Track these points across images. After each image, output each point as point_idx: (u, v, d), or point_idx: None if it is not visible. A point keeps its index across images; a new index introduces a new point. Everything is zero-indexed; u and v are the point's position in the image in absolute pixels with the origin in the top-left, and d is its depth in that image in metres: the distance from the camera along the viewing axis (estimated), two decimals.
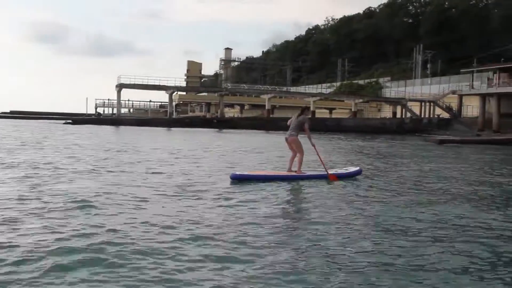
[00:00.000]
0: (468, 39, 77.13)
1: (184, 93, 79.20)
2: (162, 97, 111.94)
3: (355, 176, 11.66)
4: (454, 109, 57.94)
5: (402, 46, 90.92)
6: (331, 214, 7.36)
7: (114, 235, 5.76)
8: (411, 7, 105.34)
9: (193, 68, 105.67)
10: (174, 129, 46.42)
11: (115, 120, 53.49)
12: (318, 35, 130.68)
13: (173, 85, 57.53)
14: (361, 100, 68.33)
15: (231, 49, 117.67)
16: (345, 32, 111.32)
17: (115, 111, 67.02)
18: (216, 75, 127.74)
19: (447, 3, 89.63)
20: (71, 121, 52.80)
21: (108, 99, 78.78)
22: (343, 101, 74.23)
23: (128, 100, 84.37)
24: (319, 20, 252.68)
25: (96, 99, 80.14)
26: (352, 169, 12.25)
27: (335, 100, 74.83)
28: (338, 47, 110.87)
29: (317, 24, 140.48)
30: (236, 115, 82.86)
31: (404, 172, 13.88)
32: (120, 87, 56.08)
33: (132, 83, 56.39)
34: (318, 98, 63.69)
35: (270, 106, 63.38)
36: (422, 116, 61.33)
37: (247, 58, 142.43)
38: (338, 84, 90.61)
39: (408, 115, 61.49)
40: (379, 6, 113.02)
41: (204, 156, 17.45)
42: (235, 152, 19.85)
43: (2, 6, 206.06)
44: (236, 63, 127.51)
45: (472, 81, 54.65)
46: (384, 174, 13.32)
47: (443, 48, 79.13)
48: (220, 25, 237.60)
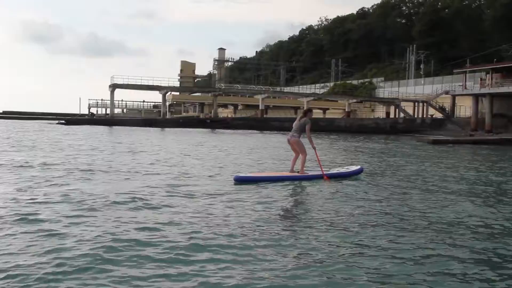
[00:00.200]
0: (461, 40, 77.50)
1: (178, 93, 79.10)
2: (155, 97, 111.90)
3: (356, 175, 11.86)
4: (447, 109, 58.12)
5: (395, 46, 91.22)
6: (335, 214, 7.50)
7: (112, 237, 5.73)
8: (404, 8, 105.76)
9: (186, 68, 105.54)
10: (167, 129, 46.27)
11: (108, 121, 53.30)
12: (311, 35, 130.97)
13: (166, 85, 57.43)
14: (354, 100, 68.46)
15: (224, 49, 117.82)
16: (338, 32, 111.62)
17: (108, 111, 66.79)
18: (210, 75, 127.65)
19: (440, 4, 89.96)
20: (64, 121, 52.57)
21: (102, 99, 78.72)
22: (336, 101, 74.40)
23: (122, 100, 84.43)
24: (312, 20, 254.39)
25: (89, 99, 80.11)
26: (353, 168, 12.42)
27: (329, 100, 74.92)
28: (331, 47, 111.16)
29: (310, 24, 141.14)
30: (229, 115, 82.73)
31: (403, 172, 14.07)
32: (114, 87, 55.86)
33: (126, 83, 56.21)
34: (312, 98, 63.73)
35: (264, 106, 63.35)
36: (415, 116, 61.47)
37: (240, 58, 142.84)
38: (332, 84, 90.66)
39: (402, 115, 61.62)
40: (372, 6, 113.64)
41: (204, 157, 17.30)
42: (235, 152, 19.79)
43: None
44: (229, 63, 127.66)
45: (465, 81, 54.79)
46: (383, 173, 13.54)
47: (436, 49, 79.51)
48: (214, 25, 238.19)
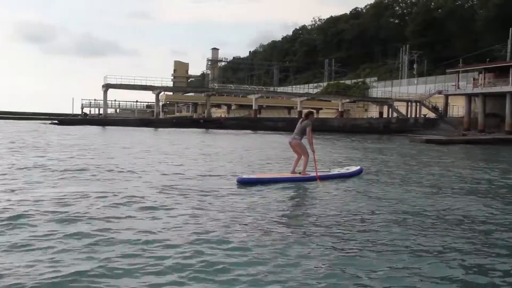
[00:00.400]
0: (454, 40, 77.79)
1: (171, 93, 78.97)
2: (149, 97, 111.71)
3: (356, 175, 11.98)
4: (440, 109, 58.35)
5: (388, 46, 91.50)
6: (338, 213, 7.56)
7: (113, 236, 5.71)
8: (397, 8, 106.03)
9: (180, 68, 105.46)
10: (161, 129, 46.11)
11: (102, 121, 53.08)
12: (305, 35, 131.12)
13: (160, 85, 57.31)
14: (348, 100, 68.55)
15: (218, 49, 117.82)
16: (332, 32, 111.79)
17: (101, 111, 66.54)
18: (203, 75, 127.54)
19: (433, 4, 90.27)
20: (57, 121, 52.30)
21: (95, 99, 78.32)
22: (330, 101, 74.45)
23: (115, 100, 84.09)
24: (306, 20, 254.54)
25: (82, 99, 79.57)
26: (353, 168, 12.55)
27: (322, 100, 75.00)
28: (325, 47, 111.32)
29: (304, 24, 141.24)
30: (223, 115, 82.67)
31: (402, 171, 14.21)
32: (107, 87, 55.66)
33: (119, 83, 56.03)
34: (305, 98, 63.77)
35: (257, 106, 63.32)
36: (409, 116, 61.66)
37: (234, 58, 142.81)
38: (325, 84, 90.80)
39: (395, 115, 61.80)
40: (365, 6, 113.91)
41: (204, 158, 17.12)
42: (234, 153, 19.72)
43: None
44: (223, 63, 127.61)
45: (458, 81, 55.02)
46: (382, 172, 13.65)
47: (429, 49, 79.78)
48: (207, 25, 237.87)
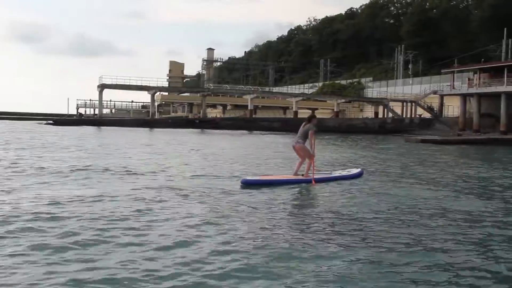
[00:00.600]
0: (449, 40, 77.94)
1: (167, 93, 78.80)
2: (144, 97, 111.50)
3: (357, 177, 11.98)
4: (435, 109, 58.50)
5: (384, 46, 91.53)
6: (339, 214, 7.61)
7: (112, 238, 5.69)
8: (392, 8, 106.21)
9: (175, 68, 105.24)
10: (156, 129, 46.03)
11: (97, 121, 52.90)
12: (300, 35, 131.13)
13: (155, 85, 57.27)
14: (343, 100, 68.58)
15: (213, 49, 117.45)
16: (327, 32, 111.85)
17: (97, 111, 66.34)
18: (199, 76, 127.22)
19: (428, 4, 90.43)
20: (52, 121, 52.09)
21: (90, 100, 77.91)
22: (325, 101, 74.47)
23: (110, 101, 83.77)
24: (301, 20, 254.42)
25: (77, 100, 79.14)
26: (354, 170, 12.56)
27: (318, 100, 74.94)
28: (320, 48, 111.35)
29: (299, 24, 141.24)
30: (218, 116, 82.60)
31: (401, 171, 14.37)
32: (102, 87, 55.54)
33: (114, 83, 55.93)
34: (301, 98, 63.82)
35: (253, 106, 63.31)
36: (404, 116, 61.79)
37: (229, 58, 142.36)
38: (321, 84, 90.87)
39: (390, 115, 61.88)
40: (360, 6, 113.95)
41: (204, 158, 17.09)
42: (234, 154, 19.72)
43: None
44: (218, 64, 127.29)
45: (453, 81, 55.13)
46: (381, 173, 13.72)
47: (424, 49, 79.88)
48: (203, 25, 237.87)
